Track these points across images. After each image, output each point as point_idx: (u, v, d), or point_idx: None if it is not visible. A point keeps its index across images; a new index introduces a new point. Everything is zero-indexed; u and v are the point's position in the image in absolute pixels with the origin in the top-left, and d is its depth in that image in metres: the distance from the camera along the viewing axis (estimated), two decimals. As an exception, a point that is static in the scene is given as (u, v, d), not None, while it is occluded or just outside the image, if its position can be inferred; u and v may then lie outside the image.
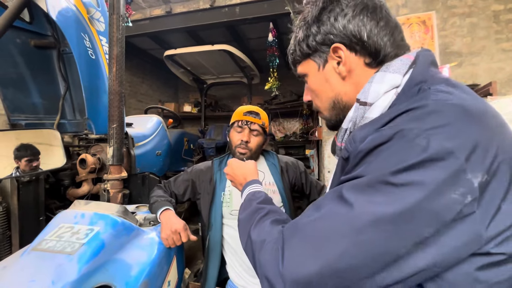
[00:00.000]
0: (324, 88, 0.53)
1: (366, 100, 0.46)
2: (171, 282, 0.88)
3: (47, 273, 0.66)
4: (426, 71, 0.44)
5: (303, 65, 0.55)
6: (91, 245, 0.72)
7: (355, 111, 0.48)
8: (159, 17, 3.49)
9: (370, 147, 0.38)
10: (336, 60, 0.50)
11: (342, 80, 0.51)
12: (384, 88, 0.45)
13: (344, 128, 0.51)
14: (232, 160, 0.82)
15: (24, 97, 1.62)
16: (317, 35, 0.50)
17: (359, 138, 0.42)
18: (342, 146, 0.52)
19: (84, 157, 1.45)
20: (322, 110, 0.57)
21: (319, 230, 0.38)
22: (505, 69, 2.23)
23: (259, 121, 1.07)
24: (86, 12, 1.44)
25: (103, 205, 0.87)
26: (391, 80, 0.44)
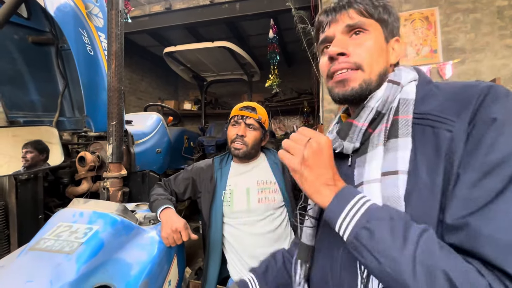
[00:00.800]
0: (382, 56, 0.54)
1: (400, 80, 0.52)
2: (171, 281, 0.86)
3: (45, 273, 0.65)
4: (427, 75, 0.55)
5: (372, 22, 0.54)
6: (90, 245, 0.71)
7: (387, 90, 0.51)
8: (158, 14, 3.46)
9: (506, 115, 0.38)
10: (391, 47, 0.56)
11: (388, 64, 0.56)
12: (410, 77, 0.53)
13: (371, 106, 0.51)
14: (319, 137, 0.47)
15: (22, 94, 1.60)
16: (396, 20, 0.57)
17: (456, 116, 0.42)
18: (363, 127, 0.51)
19: (83, 155, 1.43)
20: (371, 70, 0.52)
21: None
22: (509, 65, 2.21)
23: (255, 115, 1.06)
24: (85, 8, 1.42)
25: (102, 204, 0.85)
26: (412, 74, 0.54)
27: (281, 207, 1.08)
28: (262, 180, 1.08)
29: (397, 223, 0.38)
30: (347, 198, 0.43)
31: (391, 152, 0.46)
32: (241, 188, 1.07)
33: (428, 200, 0.40)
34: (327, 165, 0.46)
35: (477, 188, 0.36)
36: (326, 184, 0.46)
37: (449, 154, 0.40)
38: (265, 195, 1.06)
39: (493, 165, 0.36)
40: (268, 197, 1.06)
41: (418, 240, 0.36)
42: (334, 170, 0.47)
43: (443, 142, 0.41)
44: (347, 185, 0.47)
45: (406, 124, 0.47)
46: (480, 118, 0.39)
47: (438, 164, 0.41)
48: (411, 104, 0.49)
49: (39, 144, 1.16)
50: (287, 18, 3.03)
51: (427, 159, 0.42)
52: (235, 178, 1.10)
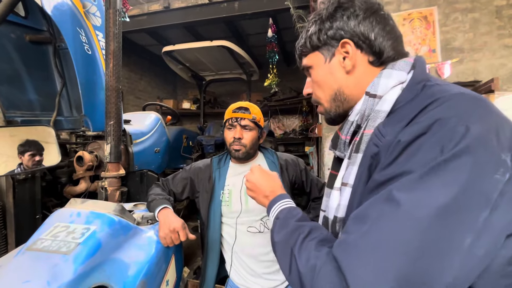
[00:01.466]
0: (328, 79, 0.56)
1: (376, 92, 0.50)
2: (169, 281, 0.86)
3: (42, 274, 0.64)
4: (425, 72, 0.51)
5: (310, 57, 0.59)
6: (87, 245, 0.70)
7: (363, 104, 0.51)
8: (157, 13, 3.45)
9: (411, 139, 0.38)
10: (343, 55, 0.54)
11: (346, 74, 0.55)
12: (392, 83, 0.49)
13: (350, 121, 0.54)
14: (257, 168, 0.70)
15: (19, 94, 1.60)
16: (329, 29, 0.54)
17: (388, 132, 0.43)
18: (347, 140, 0.55)
19: (81, 155, 1.43)
20: (323, 101, 0.59)
21: (376, 241, 0.36)
22: (507, 65, 2.21)
23: (249, 116, 1.05)
24: (82, 6, 1.41)
25: (100, 204, 0.85)
26: (398, 76, 0.50)
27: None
28: None
29: (287, 221, 0.54)
30: (273, 204, 0.62)
31: (350, 165, 0.50)
32: (239, 188, 1.07)
33: (353, 204, 0.48)
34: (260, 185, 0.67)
35: (369, 199, 0.41)
36: (265, 197, 0.66)
37: (374, 166, 0.44)
38: None
39: (376, 184, 0.41)
40: None
41: (292, 232, 0.50)
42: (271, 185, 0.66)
43: (369, 154, 0.45)
44: (279, 194, 0.64)
45: (366, 139, 0.48)
46: (396, 138, 0.41)
47: (362, 176, 0.46)
48: (380, 117, 0.48)
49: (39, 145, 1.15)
50: (286, 17, 3.03)
51: (360, 171, 0.48)
52: (234, 178, 1.10)
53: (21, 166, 1.10)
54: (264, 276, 1.01)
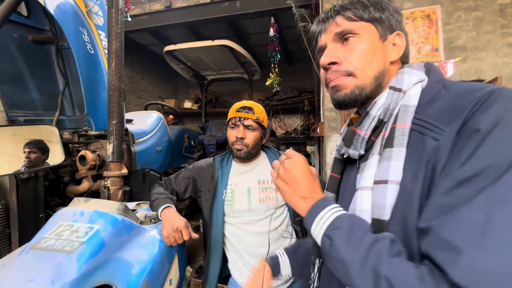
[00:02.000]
0: (377, 57, 0.53)
1: (401, 87, 0.50)
2: (172, 280, 0.86)
3: (46, 272, 0.65)
4: (440, 72, 0.52)
5: (360, 25, 0.53)
6: (91, 244, 0.70)
7: (388, 98, 0.50)
8: (158, 12, 3.44)
9: (489, 128, 0.36)
10: (391, 44, 0.54)
11: (389, 63, 0.54)
12: (415, 80, 0.50)
13: (372, 115, 0.51)
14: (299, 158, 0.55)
15: (22, 93, 1.60)
16: (392, 16, 0.54)
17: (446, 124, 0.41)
18: (366, 135, 0.51)
19: (84, 154, 1.43)
20: (363, 73, 0.52)
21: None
22: (511, 64, 2.19)
23: (252, 116, 1.05)
24: (84, 6, 1.41)
25: (103, 203, 0.85)
26: (419, 75, 0.51)
27: (282, 206, 1.07)
28: (263, 180, 1.08)
29: (356, 232, 0.42)
30: (319, 210, 0.49)
31: (385, 161, 0.47)
32: (242, 187, 1.07)
33: (407, 207, 0.42)
34: (300, 180, 0.53)
35: (448, 196, 0.36)
36: (302, 197, 0.52)
37: (433, 162, 0.40)
38: (266, 194, 1.06)
39: (466, 177, 0.35)
40: (269, 197, 1.05)
41: (370, 247, 0.39)
42: (311, 184, 0.53)
43: (428, 150, 0.42)
44: (322, 197, 0.51)
45: (402, 133, 0.46)
46: (467, 128, 0.39)
47: (419, 171, 0.42)
48: (410, 111, 0.47)
49: (41, 143, 1.16)
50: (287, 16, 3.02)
51: (412, 166, 0.43)
52: (236, 178, 1.10)
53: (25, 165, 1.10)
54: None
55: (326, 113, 2.59)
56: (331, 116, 2.57)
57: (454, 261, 0.32)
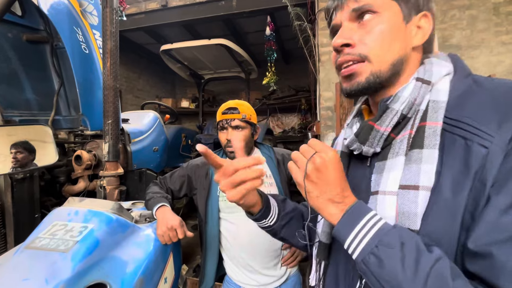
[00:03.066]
0: (398, 41, 0.46)
1: (430, 79, 0.44)
2: (167, 278, 0.87)
3: (41, 271, 0.65)
4: (467, 66, 0.47)
5: (383, 1, 0.46)
6: (85, 243, 0.71)
7: (414, 91, 0.44)
8: (154, 11, 3.43)
9: None
10: (416, 26, 0.47)
11: (411, 48, 0.47)
12: (444, 72, 0.45)
13: (395, 109, 0.44)
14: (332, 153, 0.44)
15: (17, 93, 1.60)
16: None
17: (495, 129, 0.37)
18: (386, 132, 0.45)
19: (80, 154, 1.43)
20: (379, 60, 0.46)
21: None
22: (504, 62, 2.22)
23: (238, 115, 1.05)
24: (79, 5, 1.41)
25: (98, 202, 0.86)
26: (448, 67, 0.46)
27: None
28: None
29: (409, 250, 0.36)
30: (356, 218, 0.41)
31: (413, 163, 0.41)
32: None
33: (448, 219, 0.38)
34: (333, 182, 0.43)
35: (508, 215, 0.33)
36: (331, 201, 0.44)
37: (481, 172, 0.36)
38: (260, 188, 1.06)
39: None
40: (264, 191, 1.06)
41: (430, 271, 0.34)
42: (343, 186, 0.44)
43: (476, 158, 0.37)
44: (357, 201, 0.44)
45: (434, 133, 0.41)
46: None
47: (465, 182, 0.37)
48: (441, 108, 0.42)
49: (27, 144, 1.14)
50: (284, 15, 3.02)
51: (453, 174, 0.38)
52: None
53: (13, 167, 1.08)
54: (262, 272, 1.02)
55: (322, 112, 2.60)
56: (327, 115, 2.59)
57: None
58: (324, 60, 2.57)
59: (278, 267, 1.05)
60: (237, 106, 1.06)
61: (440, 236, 0.38)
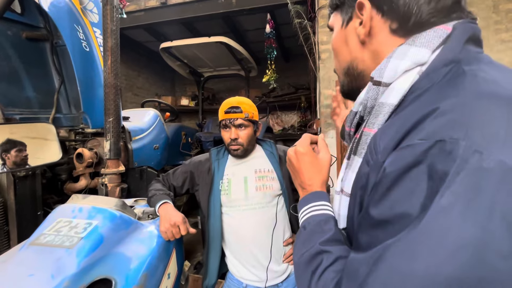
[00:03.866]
0: (342, 49, 0.46)
1: (380, 79, 0.38)
2: (171, 274, 0.88)
3: (46, 267, 0.66)
4: (461, 47, 0.34)
5: (333, 17, 0.48)
6: (89, 239, 0.72)
7: (367, 92, 0.41)
8: (154, 9, 3.42)
9: (398, 172, 0.29)
10: (360, 19, 0.41)
11: (360, 44, 0.43)
12: (405, 65, 0.36)
13: (353, 111, 0.45)
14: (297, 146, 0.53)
15: (18, 91, 1.60)
16: None
17: (381, 148, 0.33)
18: (351, 132, 0.47)
19: (81, 152, 1.43)
20: (338, 72, 0.50)
21: None
22: (504, 59, 2.22)
23: (241, 115, 1.06)
24: (79, 3, 1.41)
25: (101, 199, 0.86)
26: (415, 56, 0.35)
27: (278, 195, 1.09)
28: (260, 169, 1.10)
29: (314, 237, 0.43)
30: (305, 203, 0.50)
31: (348, 169, 0.43)
32: (238, 176, 1.09)
33: (351, 224, 0.42)
34: (298, 171, 0.53)
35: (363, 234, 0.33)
36: (300, 186, 0.53)
37: (364, 187, 0.36)
38: (262, 183, 1.07)
39: (376, 221, 0.31)
40: (266, 185, 1.07)
41: (314, 256, 0.40)
42: (309, 176, 0.51)
43: (363, 173, 0.37)
44: (315, 191, 0.50)
45: (365, 140, 0.40)
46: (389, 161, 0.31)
47: (358, 193, 0.38)
48: (383, 113, 0.38)
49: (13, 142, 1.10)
50: (284, 13, 3.01)
51: (356, 185, 0.40)
52: (233, 168, 1.11)
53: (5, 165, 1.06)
54: (264, 266, 1.03)
55: (322, 110, 2.61)
56: (327, 113, 2.59)
57: None
58: (324, 58, 2.57)
59: (280, 262, 1.07)
60: (239, 105, 1.06)
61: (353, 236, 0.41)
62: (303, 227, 0.46)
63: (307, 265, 0.40)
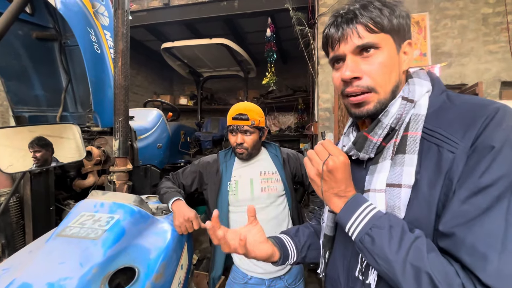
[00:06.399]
0: (395, 70, 0.55)
1: (413, 98, 0.53)
2: (183, 265, 0.95)
3: (75, 256, 0.72)
4: (442, 84, 0.56)
5: (381, 37, 0.52)
6: (113, 231, 0.78)
7: (400, 107, 0.53)
8: (156, 9, 3.46)
9: (501, 145, 0.42)
10: (403, 52, 0.56)
11: (401, 72, 0.56)
12: (424, 90, 0.54)
13: (384, 123, 0.54)
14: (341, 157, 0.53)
15: (27, 89, 1.63)
16: (406, 20, 0.54)
17: (460, 138, 0.46)
18: (378, 142, 0.55)
19: (90, 150, 1.48)
20: (384, 89, 0.54)
21: None
22: (491, 70, 2.35)
23: (247, 122, 1.12)
24: (92, 7, 1.46)
25: (120, 195, 0.93)
26: (427, 86, 0.55)
27: (282, 195, 1.17)
28: (265, 171, 1.18)
29: (395, 231, 0.46)
30: (356, 207, 0.51)
31: (397, 166, 0.50)
32: (245, 178, 1.16)
33: (425, 210, 0.47)
34: (340, 181, 0.53)
35: (466, 204, 0.42)
36: (337, 195, 0.54)
37: (450, 172, 0.45)
38: (267, 184, 1.15)
39: (483, 186, 0.41)
40: (270, 186, 1.15)
41: (410, 246, 0.44)
42: (347, 183, 0.54)
43: (445, 161, 0.46)
44: (356, 194, 0.53)
45: (414, 141, 0.50)
46: (481, 143, 0.43)
47: (438, 180, 0.46)
48: (421, 120, 0.51)
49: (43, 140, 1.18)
50: (283, 17, 3.09)
51: (429, 174, 0.47)
52: (240, 170, 1.19)
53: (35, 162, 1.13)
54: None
55: (320, 113, 2.70)
56: (325, 116, 2.69)
57: (482, 266, 0.38)
58: (323, 63, 2.67)
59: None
60: (246, 112, 1.13)
61: (420, 223, 0.47)
62: (377, 228, 0.47)
63: (407, 256, 0.43)
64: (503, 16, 2.33)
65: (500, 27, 2.34)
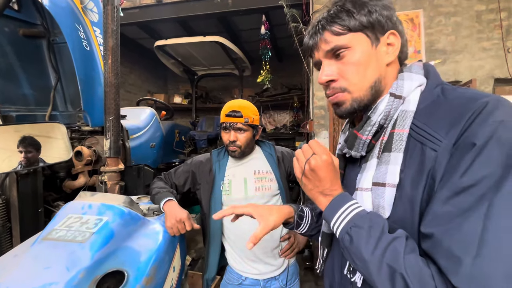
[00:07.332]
0: (372, 66, 0.53)
1: (401, 94, 0.51)
2: (176, 267, 0.93)
3: (61, 260, 0.70)
4: (439, 76, 0.53)
5: (350, 37, 0.52)
6: (101, 234, 0.76)
7: (388, 104, 0.52)
8: (149, 6, 3.40)
9: (483, 142, 0.39)
10: (385, 44, 0.54)
11: (386, 65, 0.54)
12: (415, 85, 0.51)
13: (373, 121, 0.53)
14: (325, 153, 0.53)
15: (14, 88, 1.59)
16: (380, 15, 0.52)
17: (444, 135, 0.43)
18: (368, 140, 0.54)
19: (80, 150, 1.45)
20: (357, 88, 0.54)
21: None
22: (484, 67, 2.36)
23: (241, 119, 1.10)
24: (80, 3, 1.42)
25: (109, 196, 0.90)
26: (418, 79, 0.52)
27: (276, 195, 1.16)
28: (259, 170, 1.16)
29: (374, 231, 0.45)
30: (339, 205, 0.51)
31: (383, 165, 0.50)
32: (239, 177, 1.14)
33: (409, 210, 0.46)
34: (323, 179, 0.53)
35: (447, 205, 0.40)
36: (322, 193, 0.54)
37: (432, 171, 0.44)
38: (261, 183, 1.13)
39: (463, 187, 0.39)
40: (265, 186, 1.13)
41: (387, 247, 0.43)
42: (333, 182, 0.53)
43: (428, 160, 0.44)
44: (342, 193, 0.53)
45: (400, 138, 0.49)
46: (463, 140, 0.41)
47: (420, 180, 0.45)
48: (409, 117, 0.49)
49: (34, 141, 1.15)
50: (278, 14, 3.07)
51: (412, 173, 0.46)
52: (233, 169, 1.17)
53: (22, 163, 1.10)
54: (263, 260, 1.09)
55: (316, 111, 2.69)
56: (320, 114, 2.68)
57: (455, 269, 0.37)
58: (317, 60, 2.64)
59: (277, 257, 1.13)
60: (240, 110, 1.10)
61: (404, 223, 0.46)
62: (357, 227, 0.47)
63: (382, 258, 0.42)
64: (496, 13, 2.34)
65: (493, 24, 2.34)
